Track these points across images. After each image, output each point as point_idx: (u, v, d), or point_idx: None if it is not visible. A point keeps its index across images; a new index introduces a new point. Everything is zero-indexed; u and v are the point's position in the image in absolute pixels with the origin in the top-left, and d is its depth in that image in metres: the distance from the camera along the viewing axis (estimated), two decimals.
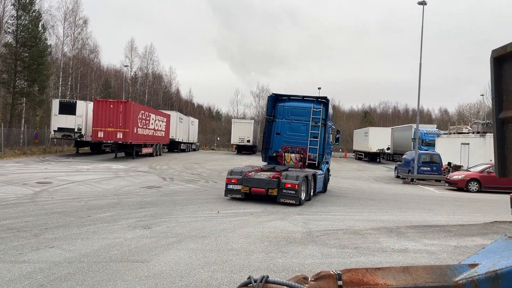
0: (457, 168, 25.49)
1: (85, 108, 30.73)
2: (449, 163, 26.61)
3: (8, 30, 36.30)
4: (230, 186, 13.02)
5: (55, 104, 30.96)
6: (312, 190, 14.08)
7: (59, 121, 30.38)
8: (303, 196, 12.90)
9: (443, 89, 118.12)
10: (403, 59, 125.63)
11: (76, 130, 30.47)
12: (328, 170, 17.33)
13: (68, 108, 30.50)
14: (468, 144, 26.96)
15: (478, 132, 26.61)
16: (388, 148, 43.22)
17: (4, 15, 36.37)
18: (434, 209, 13.53)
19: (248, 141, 49.16)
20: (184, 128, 46.74)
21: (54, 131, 30.69)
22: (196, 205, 11.68)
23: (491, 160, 21.97)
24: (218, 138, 65.76)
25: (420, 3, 24.29)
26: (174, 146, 43.96)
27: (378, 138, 43.31)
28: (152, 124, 33.59)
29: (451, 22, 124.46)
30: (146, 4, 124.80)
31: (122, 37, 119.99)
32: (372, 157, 45.16)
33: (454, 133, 31.30)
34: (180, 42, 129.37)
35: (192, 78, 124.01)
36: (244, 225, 9.06)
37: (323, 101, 15.99)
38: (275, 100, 16.13)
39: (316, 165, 15.67)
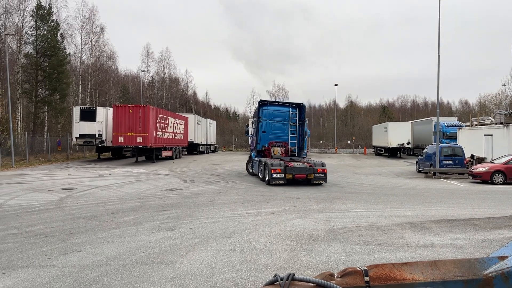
0: (481, 160, 24.92)
1: (105, 114, 31.26)
2: (472, 156, 26.03)
3: (28, 41, 37.25)
4: (275, 175, 16.42)
5: (76, 111, 31.59)
6: None
7: (80, 128, 31.00)
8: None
9: (463, 81, 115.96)
10: (420, 52, 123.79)
11: (97, 136, 31.00)
12: None
13: (88, 115, 31.08)
14: (491, 135, 26.34)
15: (501, 123, 25.97)
16: (408, 143, 42.56)
17: (24, 26, 37.44)
18: (458, 203, 13.27)
19: None
20: (202, 130, 47.01)
21: (76, 137, 31.30)
22: (218, 206, 11.76)
23: None
24: (236, 139, 65.94)
25: None
26: (193, 148, 44.28)
27: (397, 133, 42.67)
28: (170, 127, 33.92)
29: (469, 12, 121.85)
30: (160, 7, 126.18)
31: (138, 42, 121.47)
32: (392, 152, 44.49)
33: (476, 125, 30.62)
34: (195, 45, 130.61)
35: (208, 80, 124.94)
36: (266, 225, 9.09)
37: (297, 106, 20.37)
38: (261, 105, 20.24)
39: (296, 155, 19.90)
